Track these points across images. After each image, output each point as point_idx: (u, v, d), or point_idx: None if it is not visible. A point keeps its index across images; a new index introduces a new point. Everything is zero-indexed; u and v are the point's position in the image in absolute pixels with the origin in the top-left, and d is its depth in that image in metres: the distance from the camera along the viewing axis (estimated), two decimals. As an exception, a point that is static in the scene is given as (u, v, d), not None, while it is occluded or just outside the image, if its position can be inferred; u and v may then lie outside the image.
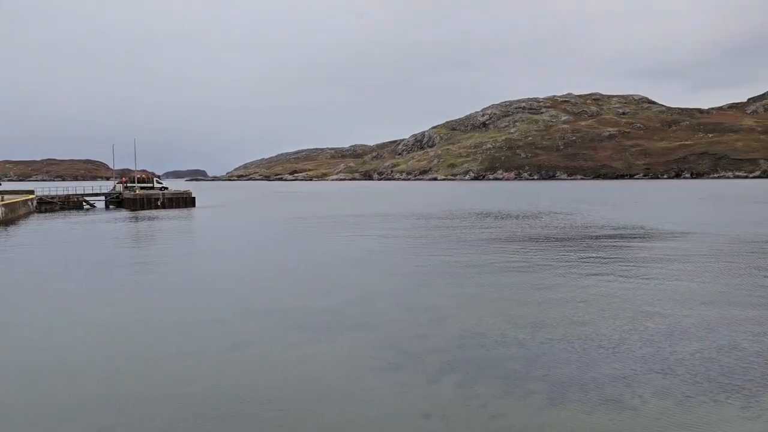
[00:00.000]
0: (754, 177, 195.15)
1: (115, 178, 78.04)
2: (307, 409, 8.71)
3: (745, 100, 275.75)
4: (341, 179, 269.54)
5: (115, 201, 65.01)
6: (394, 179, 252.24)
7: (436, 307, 14.89)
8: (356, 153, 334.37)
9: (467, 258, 23.28)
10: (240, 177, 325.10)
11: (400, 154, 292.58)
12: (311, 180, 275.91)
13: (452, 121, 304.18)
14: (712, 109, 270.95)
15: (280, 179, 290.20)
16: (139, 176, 70.35)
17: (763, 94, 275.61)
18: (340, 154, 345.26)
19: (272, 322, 13.57)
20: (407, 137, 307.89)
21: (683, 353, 10.88)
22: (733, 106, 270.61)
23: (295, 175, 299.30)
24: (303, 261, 23.24)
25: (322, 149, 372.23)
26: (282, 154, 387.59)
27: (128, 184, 67.36)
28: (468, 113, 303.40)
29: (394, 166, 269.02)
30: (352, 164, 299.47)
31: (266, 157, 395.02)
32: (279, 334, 12.62)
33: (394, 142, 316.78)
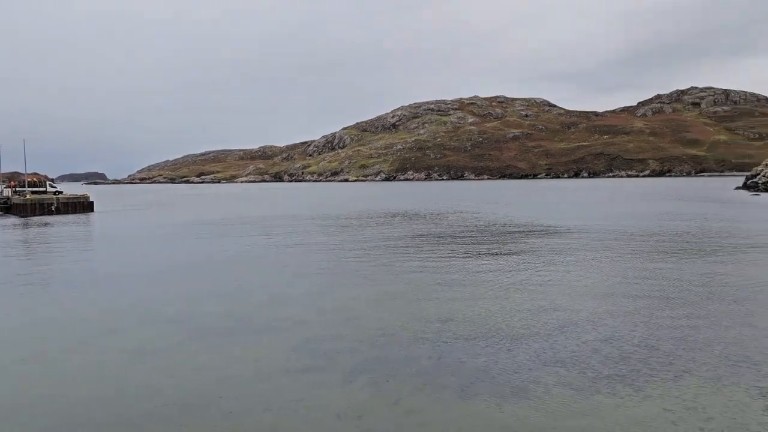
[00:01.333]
0: (644, 176, 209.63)
1: (3, 182, 72.47)
2: (217, 416, 8.41)
3: (636, 104, 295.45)
4: (251, 181, 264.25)
5: (2, 207, 60.35)
6: (306, 181, 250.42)
7: (347, 307, 14.85)
8: (266, 154, 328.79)
9: (377, 258, 23.42)
10: (143, 180, 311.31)
11: (310, 155, 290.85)
12: (219, 182, 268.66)
13: (363, 122, 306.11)
14: (607, 112, 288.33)
15: (187, 182, 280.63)
16: (29, 179, 65.73)
17: (652, 98, 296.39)
18: (249, 155, 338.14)
19: (178, 329, 13.02)
20: (318, 138, 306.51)
21: (579, 344, 11.43)
22: (625, 110, 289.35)
23: (203, 177, 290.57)
24: (209, 264, 22.53)
25: (230, 150, 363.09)
26: (188, 156, 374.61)
27: (17, 189, 62.77)
28: (378, 114, 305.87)
29: (305, 167, 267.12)
30: (261, 166, 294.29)
31: (171, 159, 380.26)
32: (185, 341, 12.13)
33: (305, 143, 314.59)
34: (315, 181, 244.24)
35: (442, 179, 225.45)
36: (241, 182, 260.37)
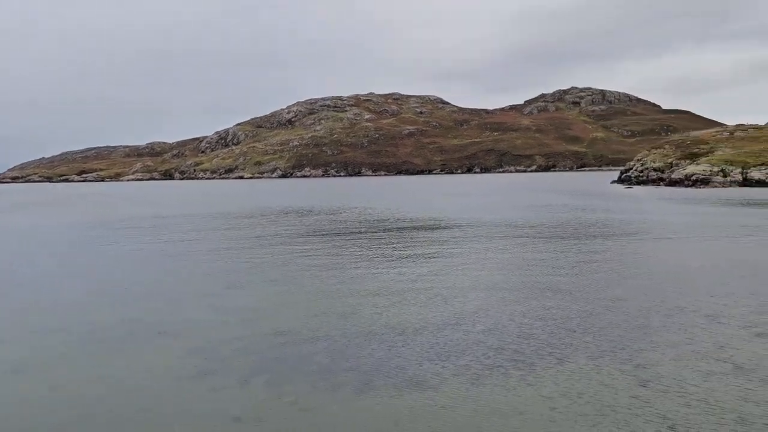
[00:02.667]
0: (531, 171, 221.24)
1: None
2: (111, 426, 8.06)
3: (522, 102, 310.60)
4: (138, 179, 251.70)
5: None
6: (198, 178, 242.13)
7: (243, 308, 14.64)
8: (154, 151, 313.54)
9: (273, 255, 23.21)
10: (15, 179, 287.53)
11: (203, 152, 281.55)
12: (103, 180, 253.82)
13: (257, 118, 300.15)
14: (497, 110, 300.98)
15: (66, 180, 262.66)
16: None
17: (537, 97, 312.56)
18: (136, 152, 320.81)
19: (63, 338, 12.27)
20: (211, 135, 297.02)
21: (473, 334, 11.98)
22: (512, 108, 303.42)
23: (84, 175, 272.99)
24: (96, 269, 21.34)
25: (114, 147, 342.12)
26: (67, 153, 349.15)
27: None
28: (273, 110, 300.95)
29: (198, 164, 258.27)
30: (150, 163, 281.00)
31: (47, 156, 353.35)
32: (74, 351, 11.46)
33: (197, 139, 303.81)
34: (208, 178, 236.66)
35: (340, 176, 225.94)
36: (128, 180, 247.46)
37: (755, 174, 69.77)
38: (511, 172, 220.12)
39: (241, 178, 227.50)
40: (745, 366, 9.66)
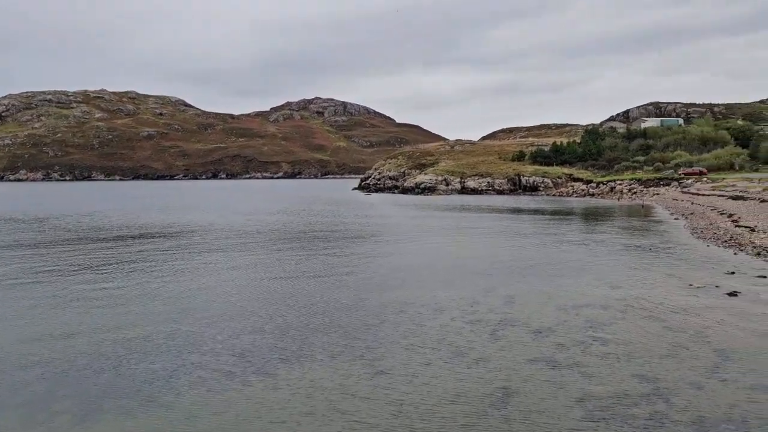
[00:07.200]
0: (278, 177, 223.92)
1: None
2: None
3: (269, 109, 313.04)
4: None
5: None
6: None
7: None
8: None
9: (-20, 272, 19.71)
10: None
11: None
12: None
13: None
14: (243, 115, 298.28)
15: None
16: None
17: (283, 105, 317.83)
18: None
19: None
20: None
21: (210, 344, 11.59)
22: (259, 114, 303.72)
23: None
24: None
25: None
26: None
27: None
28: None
29: None
30: None
31: None
32: None
33: None
34: None
35: (65, 179, 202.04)
36: None
37: (471, 183, 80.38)
38: (257, 178, 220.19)
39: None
40: (462, 350, 10.93)
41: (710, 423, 7.76)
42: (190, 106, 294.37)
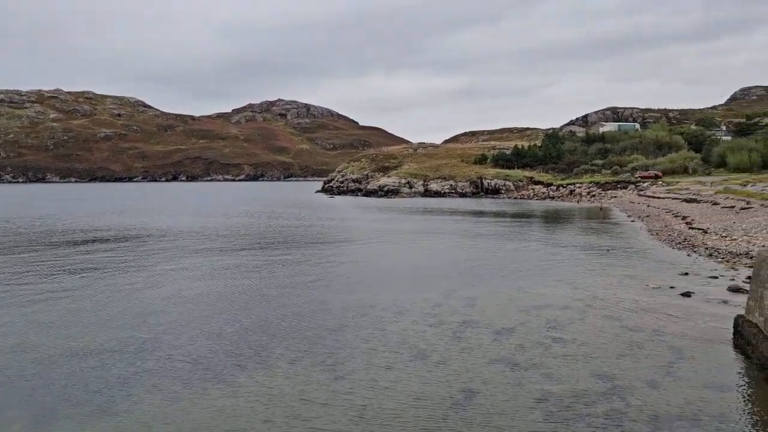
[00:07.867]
0: (240, 179, 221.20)
1: None
2: None
3: (230, 111, 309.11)
4: None
5: None
6: None
7: None
8: None
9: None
10: None
11: None
12: None
13: None
14: (204, 117, 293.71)
15: None
16: None
17: (245, 107, 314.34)
18: None
19: None
20: None
21: (166, 350, 11.32)
22: (220, 116, 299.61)
23: None
24: None
25: None
26: None
27: None
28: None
29: None
30: None
31: None
32: None
33: None
34: None
35: (18, 182, 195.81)
36: None
37: (433, 186, 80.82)
38: (219, 180, 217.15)
39: None
40: (424, 353, 10.94)
41: (664, 420, 7.94)
42: (150, 107, 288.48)
